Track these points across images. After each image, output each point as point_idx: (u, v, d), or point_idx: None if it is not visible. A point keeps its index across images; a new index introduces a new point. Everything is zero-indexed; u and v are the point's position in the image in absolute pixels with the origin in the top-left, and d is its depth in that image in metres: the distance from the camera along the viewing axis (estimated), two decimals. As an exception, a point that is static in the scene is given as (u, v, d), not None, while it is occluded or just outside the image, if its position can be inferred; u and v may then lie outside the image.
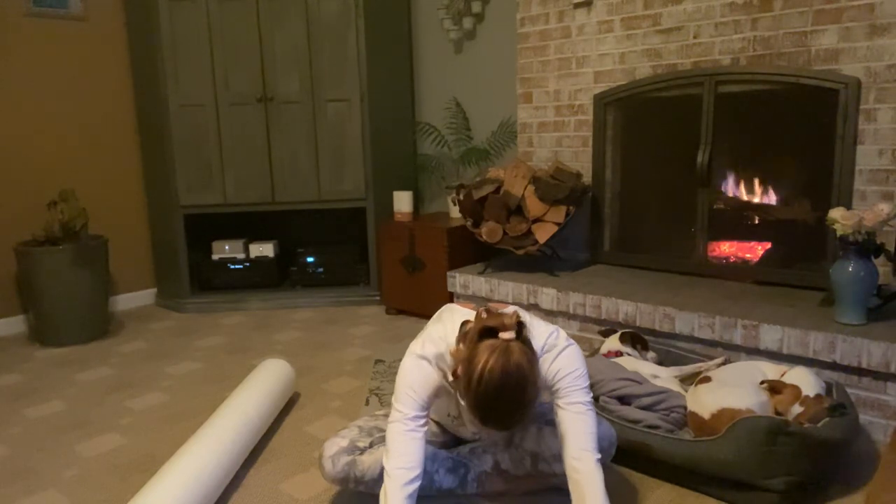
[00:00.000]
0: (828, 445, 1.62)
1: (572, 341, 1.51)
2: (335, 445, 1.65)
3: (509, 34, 3.51)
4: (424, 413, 1.48)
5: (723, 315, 2.22)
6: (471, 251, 3.33)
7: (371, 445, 1.66)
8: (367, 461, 1.63)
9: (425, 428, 1.48)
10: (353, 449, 1.64)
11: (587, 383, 1.48)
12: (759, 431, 1.59)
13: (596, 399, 1.96)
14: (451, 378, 1.45)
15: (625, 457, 1.82)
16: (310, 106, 3.56)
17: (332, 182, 3.65)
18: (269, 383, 2.20)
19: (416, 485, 1.44)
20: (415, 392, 1.46)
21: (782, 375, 1.90)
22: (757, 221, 2.74)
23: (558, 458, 1.64)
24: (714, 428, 1.72)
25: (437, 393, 1.50)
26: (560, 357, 1.47)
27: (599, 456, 1.46)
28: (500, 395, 1.28)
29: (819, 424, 1.67)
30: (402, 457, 1.44)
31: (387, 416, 1.80)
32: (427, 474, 1.63)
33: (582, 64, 2.98)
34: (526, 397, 1.31)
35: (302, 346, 3.03)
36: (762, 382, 1.87)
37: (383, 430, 1.72)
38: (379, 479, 1.64)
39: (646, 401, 1.93)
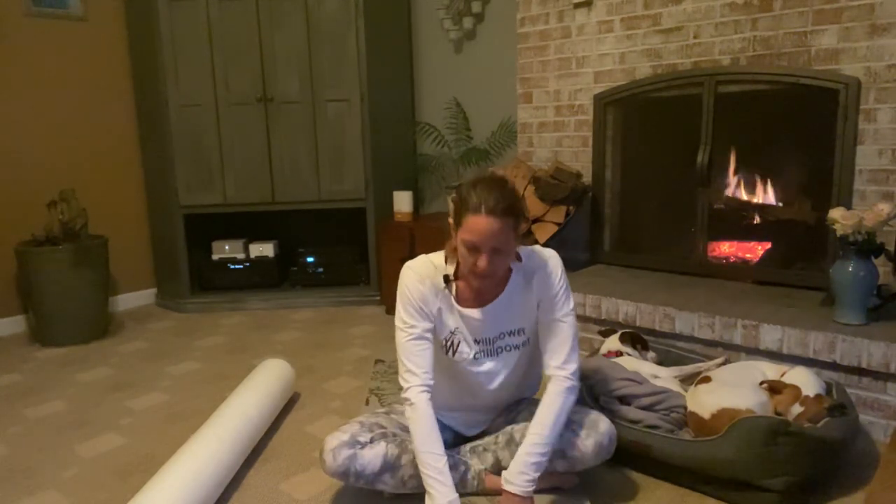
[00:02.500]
0: (828, 445, 1.62)
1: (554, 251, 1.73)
2: (336, 439, 1.65)
3: (509, 34, 3.51)
4: (428, 324, 1.64)
5: (723, 315, 2.22)
6: (471, 251, 3.32)
7: (372, 441, 1.66)
8: (367, 455, 1.64)
9: (428, 340, 1.63)
10: (354, 443, 1.64)
11: (570, 292, 1.71)
12: (759, 431, 1.60)
13: (596, 399, 1.96)
14: (442, 285, 1.66)
15: (625, 457, 1.82)
16: (309, 106, 3.56)
17: (332, 182, 3.65)
18: (269, 383, 2.20)
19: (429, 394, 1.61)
20: (410, 304, 1.65)
21: (782, 375, 1.90)
22: (757, 221, 2.74)
23: (558, 455, 1.65)
24: (714, 428, 1.72)
25: (431, 302, 1.66)
26: (549, 262, 1.70)
27: (573, 372, 1.63)
28: (492, 180, 1.56)
29: (819, 424, 1.67)
30: (417, 366, 1.60)
31: (388, 413, 1.81)
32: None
33: (582, 64, 2.98)
34: (510, 187, 1.56)
35: (302, 346, 3.03)
36: (762, 382, 1.87)
37: (384, 427, 1.73)
38: (379, 474, 1.64)
39: (646, 401, 1.93)
